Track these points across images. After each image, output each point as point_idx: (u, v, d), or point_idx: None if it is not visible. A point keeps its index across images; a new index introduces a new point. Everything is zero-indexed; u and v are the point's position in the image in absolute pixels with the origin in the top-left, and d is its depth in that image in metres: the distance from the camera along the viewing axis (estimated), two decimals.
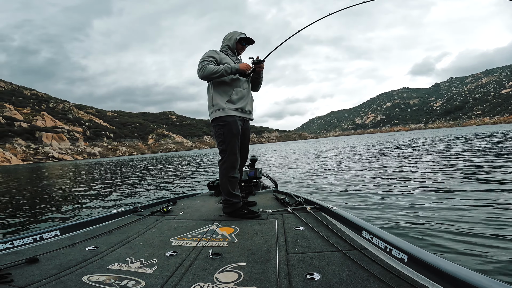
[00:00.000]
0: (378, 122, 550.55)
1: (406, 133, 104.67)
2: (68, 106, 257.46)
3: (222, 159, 2.63)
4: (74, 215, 5.24)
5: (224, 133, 2.57)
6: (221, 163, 2.63)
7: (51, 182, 13.26)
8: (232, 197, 2.57)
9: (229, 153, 2.59)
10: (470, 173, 6.31)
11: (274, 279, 1.33)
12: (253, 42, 2.86)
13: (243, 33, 2.80)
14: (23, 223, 4.75)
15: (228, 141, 2.58)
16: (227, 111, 2.59)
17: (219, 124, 2.59)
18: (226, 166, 2.60)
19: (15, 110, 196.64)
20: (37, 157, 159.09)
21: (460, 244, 2.57)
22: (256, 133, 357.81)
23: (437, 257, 1.24)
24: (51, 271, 1.51)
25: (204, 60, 2.57)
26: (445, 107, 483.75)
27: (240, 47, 2.82)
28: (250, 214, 2.50)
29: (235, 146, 2.60)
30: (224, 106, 2.58)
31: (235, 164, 2.62)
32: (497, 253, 2.34)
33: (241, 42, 2.79)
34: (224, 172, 2.60)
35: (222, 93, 2.62)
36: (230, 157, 2.60)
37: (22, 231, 4.22)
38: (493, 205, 3.72)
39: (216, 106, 2.60)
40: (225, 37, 2.82)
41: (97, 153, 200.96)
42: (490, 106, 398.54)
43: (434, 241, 2.70)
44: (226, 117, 2.58)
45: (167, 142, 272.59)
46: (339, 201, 4.78)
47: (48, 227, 2.20)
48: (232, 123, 2.58)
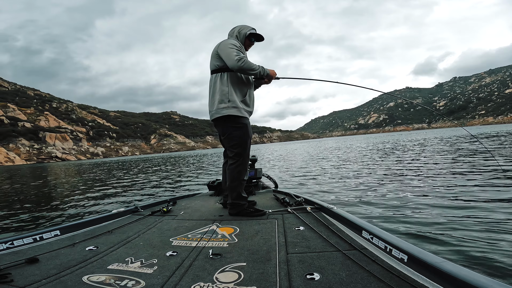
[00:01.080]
0: (380, 122, 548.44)
1: (409, 133, 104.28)
2: (72, 106, 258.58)
3: (236, 162, 2.54)
4: (74, 215, 5.23)
5: (241, 136, 2.50)
6: (235, 166, 2.54)
7: (52, 182, 13.33)
8: (241, 200, 2.55)
9: (245, 157, 2.54)
10: (475, 173, 6.23)
11: (274, 279, 1.33)
12: (262, 39, 2.71)
13: (254, 28, 2.65)
14: (23, 223, 4.76)
15: (244, 145, 2.52)
16: (243, 112, 2.50)
17: (236, 125, 2.50)
18: (240, 169, 2.54)
19: (19, 110, 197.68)
20: (40, 157, 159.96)
21: (460, 244, 2.57)
22: (258, 133, 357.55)
23: (437, 257, 1.24)
24: (51, 271, 1.50)
25: (236, 49, 2.41)
26: (449, 106, 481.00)
27: (248, 43, 2.69)
28: (256, 212, 2.49)
29: (249, 150, 2.57)
30: (240, 106, 2.48)
31: (247, 167, 2.60)
32: (497, 253, 2.33)
33: (251, 38, 2.66)
34: (237, 176, 2.54)
35: (239, 92, 2.51)
36: (245, 161, 2.55)
37: (22, 231, 4.20)
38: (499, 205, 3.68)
39: (233, 103, 2.45)
40: (233, 30, 2.66)
41: (100, 153, 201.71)
42: (494, 105, 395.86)
43: (434, 241, 2.69)
44: (243, 119, 2.50)
45: (170, 142, 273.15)
46: (339, 201, 4.76)
47: (48, 227, 2.20)
48: (248, 125, 2.52)
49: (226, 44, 2.46)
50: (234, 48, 2.41)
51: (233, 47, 2.41)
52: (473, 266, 2.17)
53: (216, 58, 2.51)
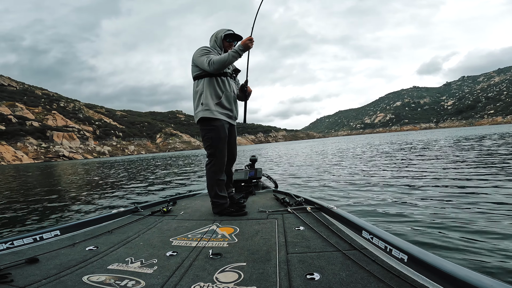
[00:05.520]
0: (387, 122, 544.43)
1: (417, 133, 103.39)
2: (79, 106, 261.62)
3: (211, 163, 2.67)
4: (74, 215, 5.23)
5: (213, 138, 2.61)
6: (209, 167, 2.68)
7: (56, 182, 13.42)
8: (219, 199, 2.65)
9: (217, 157, 2.64)
10: (481, 173, 6.08)
11: (274, 279, 1.33)
12: (240, 38, 2.76)
13: (230, 29, 2.76)
14: (23, 223, 4.77)
15: (216, 145, 2.62)
16: (216, 114, 2.60)
17: (207, 128, 2.63)
18: (215, 169, 2.65)
19: (27, 110, 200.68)
20: (48, 155, 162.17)
21: (460, 244, 2.56)
22: (263, 132, 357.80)
23: (437, 257, 1.24)
24: (51, 271, 1.51)
25: (204, 53, 2.57)
26: (457, 106, 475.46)
27: (227, 45, 2.77)
28: (237, 212, 2.57)
29: (223, 150, 2.66)
30: (213, 108, 2.60)
31: (222, 167, 2.68)
32: (497, 253, 2.33)
33: (227, 39, 2.75)
34: (212, 175, 2.66)
35: (214, 95, 2.62)
36: (218, 161, 2.66)
37: (22, 231, 4.21)
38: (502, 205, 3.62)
39: (206, 106, 2.60)
40: (212, 36, 2.80)
41: (107, 152, 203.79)
42: (503, 105, 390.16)
43: (434, 241, 2.69)
44: (214, 121, 2.60)
45: (175, 141, 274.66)
46: (340, 201, 4.74)
47: (48, 227, 2.20)
48: (220, 127, 2.61)
49: (196, 54, 2.63)
50: (203, 55, 2.56)
51: (202, 54, 2.57)
52: (474, 266, 2.15)
53: (193, 66, 2.68)
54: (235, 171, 3.74)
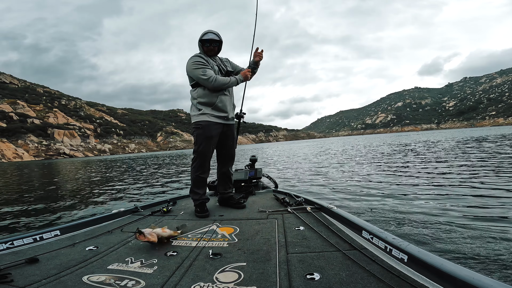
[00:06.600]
0: (388, 122, 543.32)
1: (418, 133, 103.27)
2: (80, 104, 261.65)
3: (193, 159, 2.81)
4: (74, 215, 5.23)
5: (198, 135, 2.71)
6: (191, 162, 2.84)
7: (55, 180, 13.42)
8: (192, 194, 2.79)
9: (199, 154, 2.76)
10: (481, 175, 6.06)
11: (274, 279, 1.33)
12: (217, 40, 2.75)
13: (207, 32, 2.73)
14: (23, 223, 4.76)
15: (200, 143, 2.72)
16: (208, 116, 2.71)
17: (194, 127, 2.76)
18: (195, 165, 2.79)
19: (28, 107, 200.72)
20: (48, 153, 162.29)
21: (461, 244, 2.57)
22: (264, 132, 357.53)
23: (437, 257, 1.24)
24: (51, 271, 1.51)
25: (199, 67, 2.62)
26: (458, 107, 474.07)
27: (206, 49, 2.77)
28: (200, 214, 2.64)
29: (206, 148, 2.74)
30: (208, 112, 2.70)
31: (203, 164, 2.78)
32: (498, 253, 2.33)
33: (205, 44, 2.75)
34: (193, 171, 2.81)
35: (209, 101, 2.71)
36: (199, 158, 2.77)
37: (22, 231, 4.20)
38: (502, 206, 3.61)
39: (197, 110, 2.74)
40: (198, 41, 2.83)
41: (107, 150, 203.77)
42: (504, 106, 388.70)
43: (435, 241, 2.69)
44: (203, 122, 2.70)
45: (176, 139, 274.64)
46: (340, 201, 4.74)
47: (48, 227, 2.21)
48: (205, 127, 2.70)
49: (189, 65, 2.69)
50: (199, 68, 2.63)
51: (196, 68, 2.63)
52: (474, 266, 2.16)
53: (188, 76, 2.79)
54: (235, 171, 3.73)
